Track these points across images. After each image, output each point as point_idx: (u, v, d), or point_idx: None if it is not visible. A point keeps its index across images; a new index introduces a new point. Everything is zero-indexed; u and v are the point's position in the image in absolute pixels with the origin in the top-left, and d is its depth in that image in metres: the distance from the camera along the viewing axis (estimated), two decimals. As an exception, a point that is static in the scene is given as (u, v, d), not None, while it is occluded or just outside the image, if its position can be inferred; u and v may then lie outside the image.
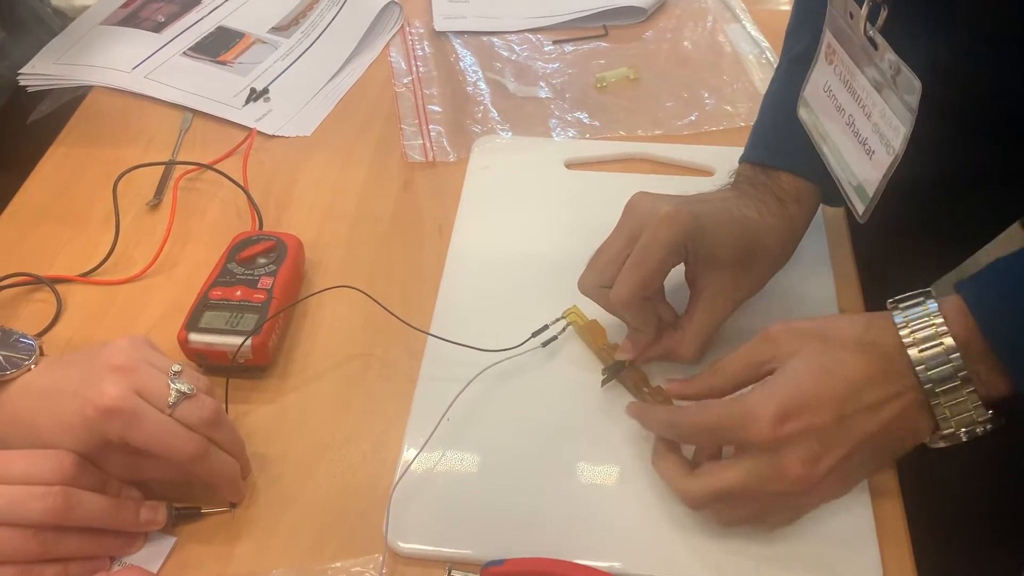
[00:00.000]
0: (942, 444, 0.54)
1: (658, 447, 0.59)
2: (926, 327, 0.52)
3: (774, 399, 0.52)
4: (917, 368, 0.51)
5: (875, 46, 0.56)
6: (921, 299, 0.53)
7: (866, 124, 0.59)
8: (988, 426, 0.52)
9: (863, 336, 0.54)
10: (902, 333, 0.52)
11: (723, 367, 0.58)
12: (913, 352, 0.52)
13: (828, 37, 0.62)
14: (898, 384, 0.52)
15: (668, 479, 0.57)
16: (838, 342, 0.54)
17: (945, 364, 0.51)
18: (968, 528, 0.82)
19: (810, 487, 0.52)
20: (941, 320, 0.52)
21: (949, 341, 0.51)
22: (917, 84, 0.52)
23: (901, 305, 0.54)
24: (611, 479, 0.60)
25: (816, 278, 0.72)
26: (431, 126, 0.87)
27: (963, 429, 0.53)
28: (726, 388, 0.57)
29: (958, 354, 0.51)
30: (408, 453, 0.61)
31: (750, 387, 0.55)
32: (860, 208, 0.61)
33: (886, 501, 0.58)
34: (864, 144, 0.59)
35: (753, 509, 0.55)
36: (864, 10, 0.55)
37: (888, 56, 0.54)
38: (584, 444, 0.62)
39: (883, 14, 0.55)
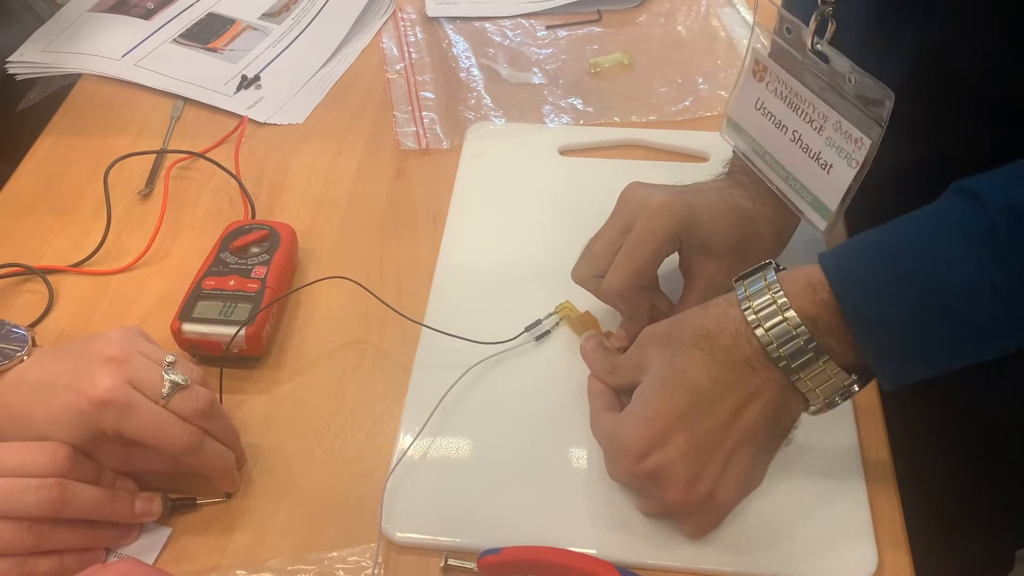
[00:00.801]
0: (819, 413, 0.53)
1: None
2: (765, 301, 0.50)
3: (630, 435, 0.52)
4: (766, 346, 0.50)
5: (825, 59, 0.55)
6: (762, 272, 0.52)
7: (816, 138, 0.58)
8: (855, 387, 0.51)
9: (698, 324, 0.53)
10: (746, 313, 0.51)
11: (615, 370, 0.59)
12: (760, 332, 0.50)
13: (755, 55, 0.62)
14: (752, 378, 0.51)
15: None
16: (677, 341, 0.53)
17: (793, 339, 0.50)
18: (963, 518, 0.83)
19: (699, 505, 0.52)
20: (782, 294, 0.50)
21: (791, 315, 0.50)
22: (889, 94, 0.51)
23: (744, 281, 0.53)
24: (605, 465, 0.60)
25: (809, 264, 0.71)
26: (424, 113, 0.87)
27: (835, 396, 0.51)
28: (620, 387, 0.58)
29: (804, 327, 0.49)
30: (403, 442, 0.61)
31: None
32: (821, 224, 0.60)
33: (881, 491, 0.58)
34: (817, 159, 0.58)
35: (659, 508, 0.55)
36: (812, 25, 0.55)
37: (846, 69, 0.54)
38: (579, 432, 0.62)
39: (831, 28, 0.55)
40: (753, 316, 0.51)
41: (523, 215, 0.77)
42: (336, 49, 0.95)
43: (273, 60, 0.93)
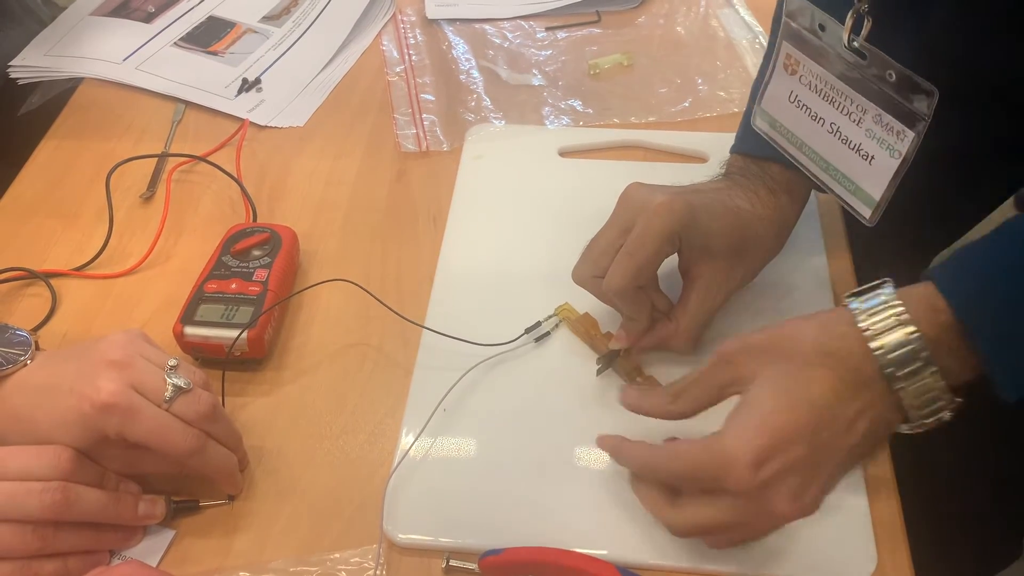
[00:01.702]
0: (906, 431, 0.52)
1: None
2: (888, 322, 0.50)
3: (748, 445, 0.49)
4: (882, 362, 0.49)
5: (863, 56, 0.56)
6: (877, 290, 0.51)
7: (856, 131, 0.58)
8: (951, 412, 0.51)
9: (821, 342, 0.51)
10: (861, 325, 0.50)
11: (683, 393, 0.55)
12: (875, 344, 0.50)
13: (787, 48, 0.62)
14: (867, 395, 0.50)
15: (649, 508, 0.55)
16: (798, 357, 0.51)
17: (910, 354, 0.49)
18: (963, 518, 0.83)
19: (800, 516, 0.51)
20: (903, 308, 0.50)
21: (912, 329, 0.49)
22: (933, 90, 0.52)
23: (860, 296, 0.52)
24: (607, 467, 0.60)
25: (810, 265, 0.72)
26: (424, 115, 0.87)
27: (932, 418, 0.51)
28: (686, 413, 0.55)
29: (922, 341, 0.49)
30: (404, 443, 0.61)
31: (720, 425, 0.52)
32: (867, 212, 0.60)
33: (881, 491, 0.59)
34: (858, 150, 0.59)
35: (739, 536, 0.54)
36: (849, 22, 0.55)
37: (886, 65, 0.54)
38: (580, 432, 0.62)
39: (867, 25, 0.55)
40: (872, 333, 0.50)
41: (523, 217, 0.77)
42: (336, 52, 0.95)
43: (274, 63, 0.94)
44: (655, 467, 0.54)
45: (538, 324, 0.68)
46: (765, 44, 0.94)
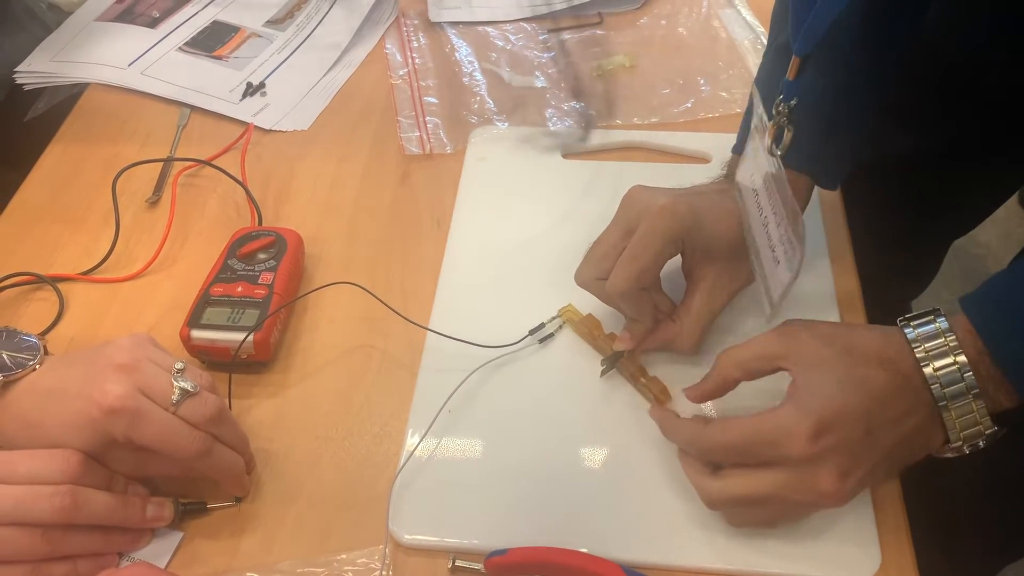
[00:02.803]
0: (948, 455, 0.55)
1: None
2: (940, 346, 0.52)
3: (811, 414, 0.51)
4: (932, 386, 0.52)
5: (778, 167, 0.56)
6: (931, 317, 0.54)
7: (775, 231, 0.59)
8: (991, 438, 0.53)
9: (883, 352, 0.54)
10: (917, 351, 0.53)
11: (735, 357, 0.57)
12: (928, 370, 0.52)
13: (755, 136, 0.62)
14: (913, 399, 0.53)
15: (690, 476, 0.57)
16: (861, 356, 0.53)
17: (959, 382, 0.52)
18: (966, 516, 0.83)
19: (839, 499, 0.52)
20: (954, 339, 0.52)
21: (962, 359, 0.52)
22: (799, 212, 0.54)
23: (912, 323, 0.54)
24: (611, 468, 0.61)
25: (812, 264, 0.72)
26: (428, 118, 0.87)
27: (970, 442, 0.53)
28: (739, 378, 0.57)
29: (971, 372, 0.51)
30: (410, 445, 0.62)
31: (779, 402, 0.54)
32: (766, 310, 0.62)
33: (884, 489, 0.59)
34: (773, 250, 0.59)
35: (770, 514, 0.55)
36: (770, 129, 0.56)
37: (784, 185, 0.55)
38: (584, 433, 0.62)
39: (787, 135, 0.56)
40: (924, 355, 0.52)
41: (526, 218, 0.77)
42: (340, 55, 0.95)
43: (278, 67, 0.94)
44: (704, 441, 0.56)
45: (542, 326, 0.68)
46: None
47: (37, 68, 0.93)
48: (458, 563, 0.56)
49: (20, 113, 0.93)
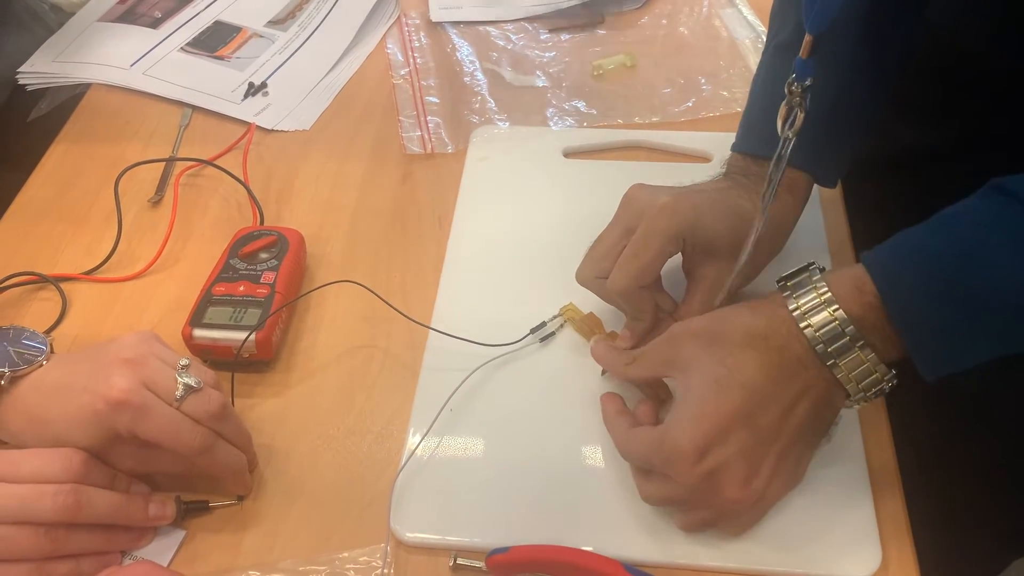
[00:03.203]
0: (856, 407, 0.54)
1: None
2: (813, 302, 0.52)
3: (686, 437, 0.51)
4: (816, 346, 0.51)
5: (785, 147, 0.56)
6: (807, 274, 0.53)
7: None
8: (894, 382, 0.53)
9: (750, 325, 0.53)
10: (791, 307, 0.52)
11: (637, 360, 0.58)
12: (809, 331, 0.51)
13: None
14: (803, 376, 0.52)
15: (634, 477, 0.58)
16: (727, 342, 0.53)
17: (841, 336, 0.51)
18: (968, 514, 0.83)
19: (753, 502, 0.53)
20: (828, 293, 0.52)
21: (840, 313, 0.51)
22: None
23: (789, 282, 0.54)
24: (613, 465, 0.61)
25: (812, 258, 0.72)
26: (429, 117, 0.87)
27: (870, 391, 0.53)
28: (637, 379, 0.59)
29: (852, 327, 0.51)
30: (412, 443, 0.62)
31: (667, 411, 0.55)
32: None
33: (886, 487, 0.59)
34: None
35: (704, 517, 0.55)
36: (782, 111, 0.56)
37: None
38: (585, 431, 0.62)
39: (799, 117, 0.55)
40: (800, 315, 0.52)
41: (528, 217, 0.77)
42: (342, 55, 0.95)
43: (280, 67, 0.94)
44: (621, 445, 0.57)
45: (543, 324, 0.68)
46: (768, 43, 0.94)
47: (40, 69, 0.94)
48: (460, 561, 0.56)
49: (23, 113, 0.94)
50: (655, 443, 0.53)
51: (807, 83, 0.56)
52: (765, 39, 0.94)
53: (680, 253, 0.64)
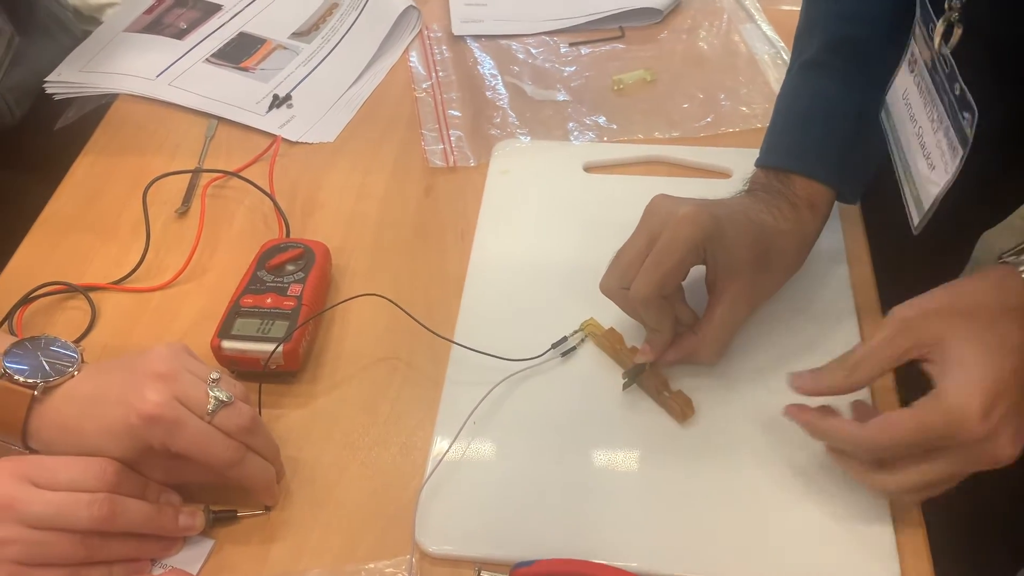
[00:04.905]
0: None
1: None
2: None
3: (976, 393, 0.52)
4: None
5: (947, 65, 0.56)
6: None
7: (931, 138, 0.59)
8: None
9: (1002, 300, 0.55)
10: None
11: (860, 364, 0.57)
12: None
13: (912, 45, 0.63)
14: None
15: (854, 474, 0.57)
16: (984, 315, 0.54)
17: None
18: (985, 525, 0.83)
19: (1014, 458, 0.53)
20: None
21: None
22: (972, 108, 0.53)
23: (1015, 257, 0.55)
24: (636, 479, 0.61)
25: (832, 274, 0.73)
26: (451, 131, 0.88)
27: None
28: (864, 383, 0.57)
29: None
30: (436, 455, 0.63)
31: (930, 392, 0.54)
32: (915, 219, 0.62)
33: (905, 505, 0.59)
34: (928, 157, 0.60)
35: (942, 488, 0.56)
36: (940, 28, 0.56)
37: (954, 80, 0.55)
38: (608, 445, 0.63)
39: (957, 33, 0.56)
40: None
41: (548, 232, 0.78)
42: (365, 68, 0.97)
43: (304, 79, 0.95)
44: (866, 441, 0.56)
45: (564, 339, 0.69)
46: (787, 59, 0.95)
47: (67, 78, 0.95)
48: (484, 574, 0.57)
49: (47, 120, 0.95)
50: (933, 413, 0.53)
51: None
52: (784, 56, 0.95)
53: (703, 265, 0.65)
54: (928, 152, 0.60)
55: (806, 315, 0.70)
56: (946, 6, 0.57)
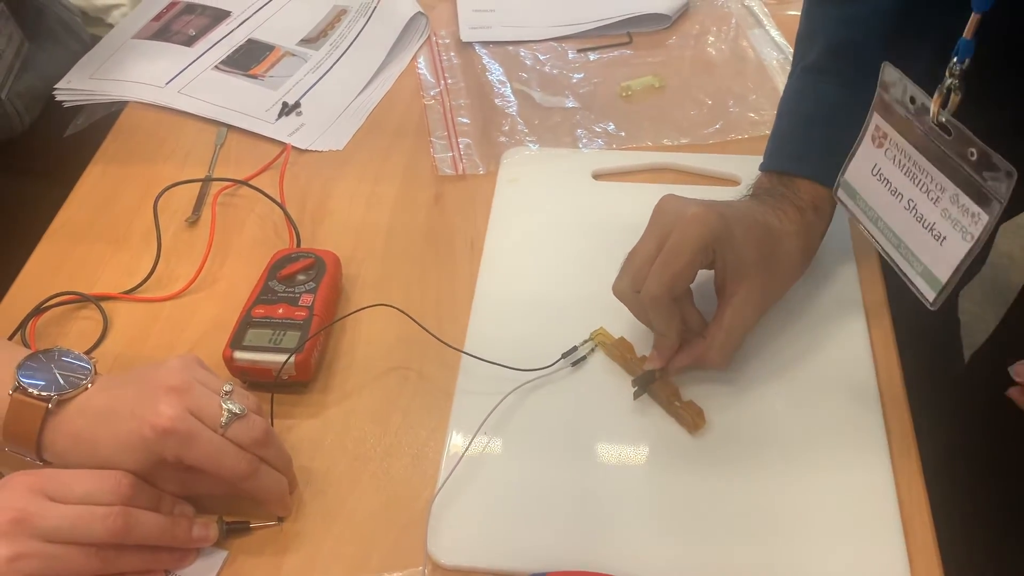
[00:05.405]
0: None
1: None
2: None
3: None
4: None
5: (947, 132, 0.56)
6: None
7: (932, 209, 0.58)
8: None
9: None
10: None
11: None
12: None
13: (876, 120, 0.62)
14: None
15: None
16: None
17: None
18: (994, 526, 0.83)
19: None
20: None
21: None
22: (1011, 171, 0.52)
23: None
24: (648, 489, 0.62)
25: (839, 276, 0.73)
26: (460, 139, 0.89)
27: None
28: None
29: None
30: (447, 466, 0.63)
31: None
32: (930, 295, 0.60)
33: (914, 506, 0.60)
34: (931, 230, 0.59)
35: None
36: (937, 96, 0.55)
37: (969, 144, 0.54)
38: (620, 456, 0.63)
39: (954, 99, 0.55)
40: None
41: (558, 240, 0.78)
42: (373, 75, 0.97)
43: (312, 86, 0.96)
44: None
45: (574, 349, 0.69)
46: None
47: (76, 86, 0.95)
48: (496, 585, 0.57)
49: (57, 126, 0.95)
50: None
51: (965, 64, 0.55)
52: (792, 61, 0.95)
53: (711, 268, 0.65)
54: (931, 224, 0.58)
55: (814, 316, 0.70)
56: (947, 73, 0.56)
